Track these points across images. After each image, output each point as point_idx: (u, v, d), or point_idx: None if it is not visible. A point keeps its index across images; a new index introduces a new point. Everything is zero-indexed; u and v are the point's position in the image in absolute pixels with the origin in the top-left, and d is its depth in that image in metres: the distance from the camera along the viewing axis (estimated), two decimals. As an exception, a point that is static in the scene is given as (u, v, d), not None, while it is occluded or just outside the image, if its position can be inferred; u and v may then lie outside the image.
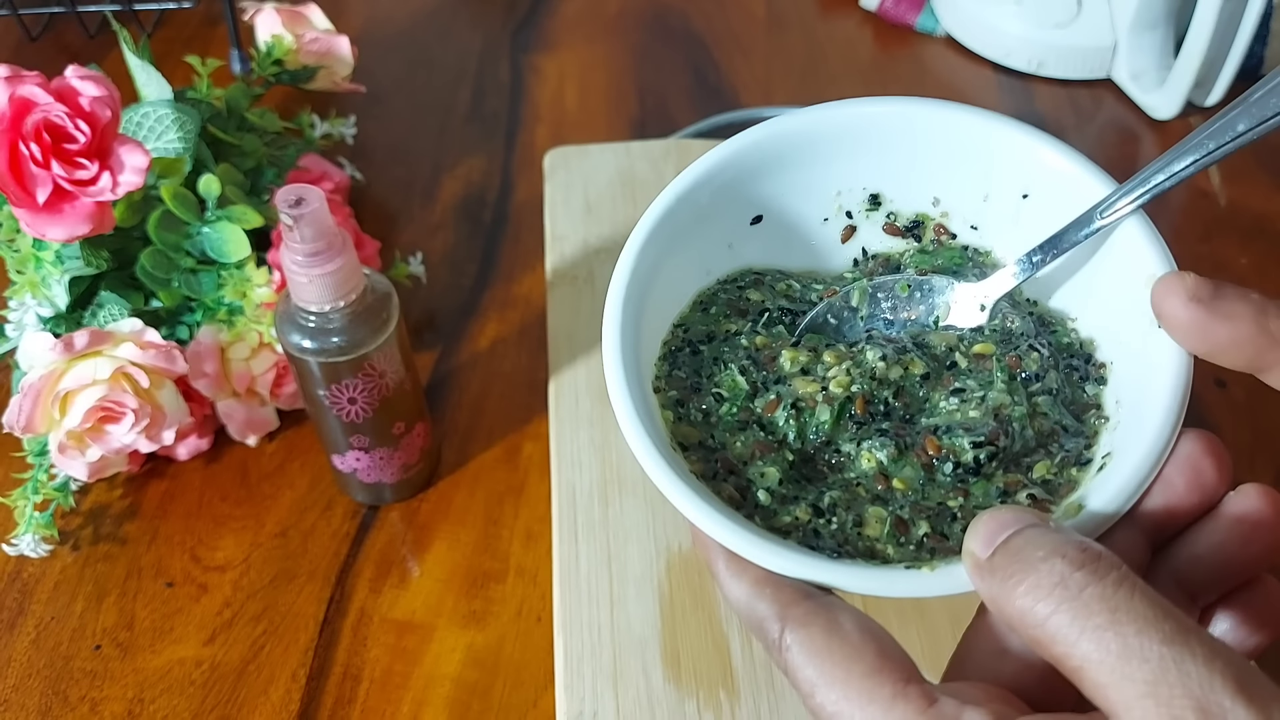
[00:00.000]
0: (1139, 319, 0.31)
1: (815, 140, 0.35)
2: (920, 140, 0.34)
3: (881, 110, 0.34)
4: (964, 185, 0.35)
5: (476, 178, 0.73)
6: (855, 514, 0.30)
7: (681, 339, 0.35)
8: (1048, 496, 0.30)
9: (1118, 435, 0.30)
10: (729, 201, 0.35)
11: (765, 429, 0.32)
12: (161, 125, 0.55)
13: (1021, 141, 0.33)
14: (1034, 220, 0.34)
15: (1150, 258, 0.31)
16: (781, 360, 0.33)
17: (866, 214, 0.37)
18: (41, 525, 0.53)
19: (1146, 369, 0.30)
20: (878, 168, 0.35)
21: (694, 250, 0.35)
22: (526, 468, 0.57)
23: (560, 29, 0.85)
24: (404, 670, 0.49)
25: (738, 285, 0.36)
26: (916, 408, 0.32)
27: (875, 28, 0.84)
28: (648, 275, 0.33)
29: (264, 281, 0.54)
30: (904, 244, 0.37)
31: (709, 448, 0.33)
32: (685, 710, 0.46)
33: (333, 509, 0.56)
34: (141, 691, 0.49)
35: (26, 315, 0.55)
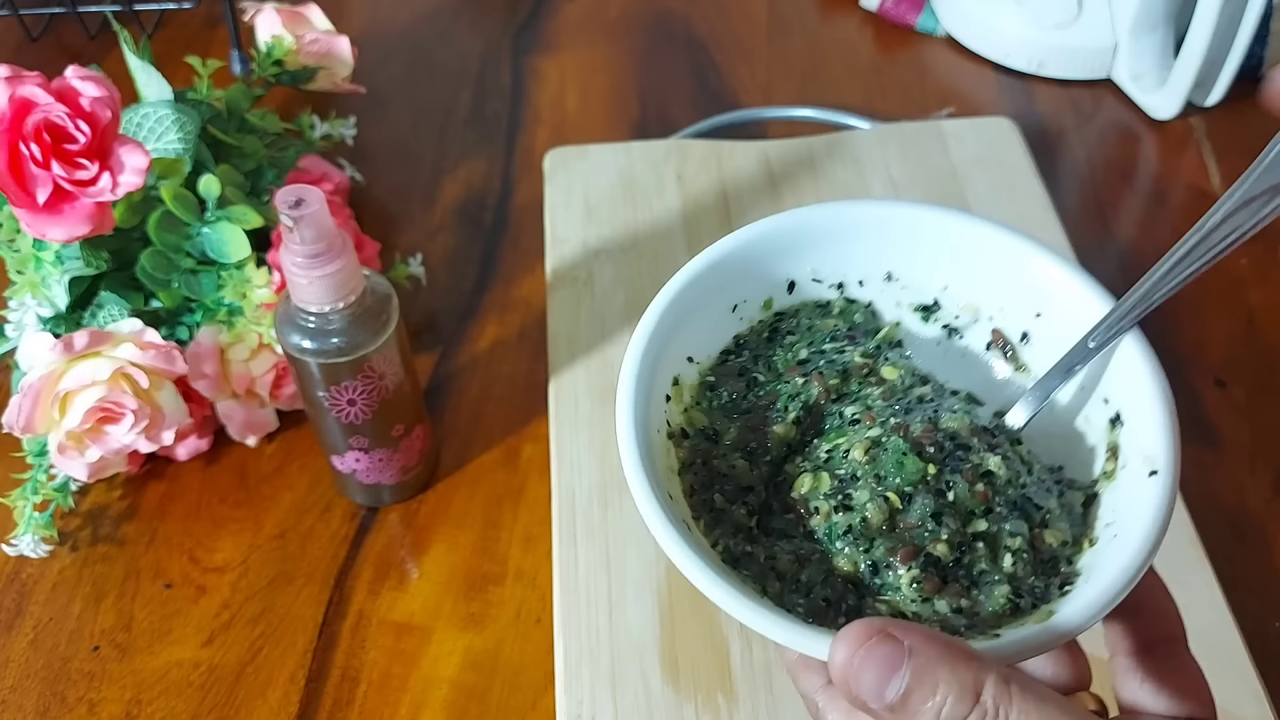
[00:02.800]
0: (1133, 453, 0.31)
1: (850, 226, 0.36)
2: (962, 249, 0.35)
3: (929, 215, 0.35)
4: (989, 299, 0.36)
5: (477, 180, 0.73)
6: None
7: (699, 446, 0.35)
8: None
9: (1099, 557, 0.30)
10: (761, 272, 0.36)
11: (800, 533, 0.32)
12: (162, 126, 0.55)
13: (1036, 261, 0.34)
14: (1047, 340, 0.34)
15: (1140, 396, 0.31)
16: (797, 482, 0.33)
17: (912, 310, 0.37)
18: (41, 526, 0.53)
19: (1124, 505, 0.31)
20: (917, 262, 0.36)
21: (727, 297, 0.36)
22: (526, 470, 0.57)
23: (561, 32, 0.85)
24: (402, 672, 0.49)
25: (768, 335, 0.37)
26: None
27: (876, 28, 0.84)
28: (670, 328, 0.34)
29: (264, 282, 0.54)
30: (934, 331, 0.37)
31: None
32: (684, 713, 0.46)
33: (332, 511, 0.55)
34: (139, 693, 0.49)
35: (26, 315, 0.55)
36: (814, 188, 0.67)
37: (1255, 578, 0.52)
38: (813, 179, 0.67)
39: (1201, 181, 0.71)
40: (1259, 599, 0.51)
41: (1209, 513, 0.52)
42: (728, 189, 0.67)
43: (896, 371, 0.35)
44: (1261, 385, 0.59)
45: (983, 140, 0.69)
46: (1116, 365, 0.32)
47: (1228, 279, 0.65)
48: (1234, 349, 0.61)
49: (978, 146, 0.69)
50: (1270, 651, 0.48)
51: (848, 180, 0.67)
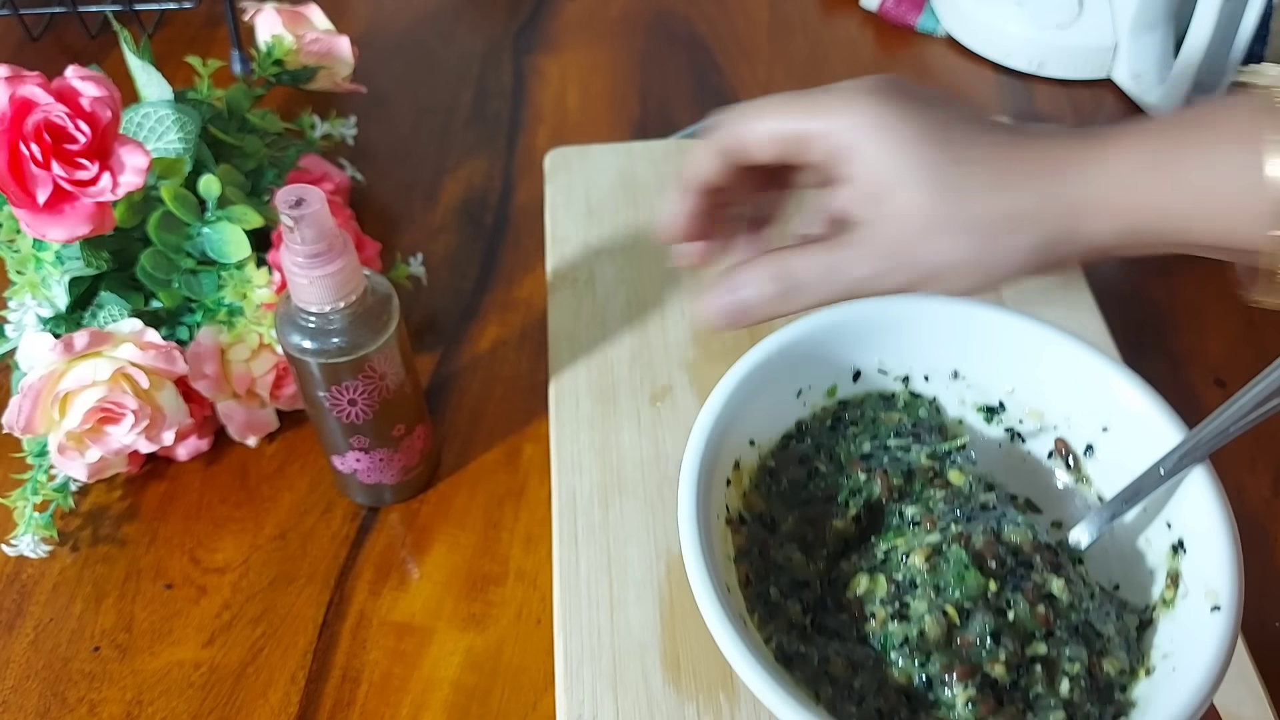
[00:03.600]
0: (1194, 585, 0.31)
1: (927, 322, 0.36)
2: (1043, 358, 0.35)
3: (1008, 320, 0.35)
4: (1056, 407, 0.35)
5: (478, 180, 0.73)
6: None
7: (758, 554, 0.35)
8: None
9: (1154, 689, 0.30)
10: (827, 359, 0.36)
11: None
12: (162, 126, 0.55)
13: (1107, 375, 0.34)
14: (1111, 454, 0.34)
15: (1205, 528, 0.31)
16: (854, 582, 0.32)
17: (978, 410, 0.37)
18: (41, 526, 0.52)
19: (1183, 637, 0.30)
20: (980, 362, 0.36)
21: (791, 382, 0.36)
22: (527, 470, 0.57)
23: (562, 32, 0.85)
24: (403, 673, 0.49)
25: (832, 424, 0.36)
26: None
27: (876, 28, 0.84)
28: (734, 413, 0.34)
29: (264, 282, 0.54)
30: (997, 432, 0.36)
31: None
32: (685, 714, 0.46)
33: (332, 511, 0.55)
34: (140, 693, 0.49)
35: (26, 316, 0.55)
36: (814, 188, 0.67)
37: (1255, 578, 0.51)
38: (813, 179, 0.67)
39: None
40: (1259, 599, 0.50)
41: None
42: (728, 189, 0.67)
43: (963, 477, 0.34)
44: (1262, 386, 0.59)
45: (983, 140, 0.69)
46: (1183, 493, 0.32)
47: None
48: (1234, 349, 0.61)
49: (978, 147, 0.69)
50: (1270, 651, 0.48)
51: (848, 180, 0.67)
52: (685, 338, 0.59)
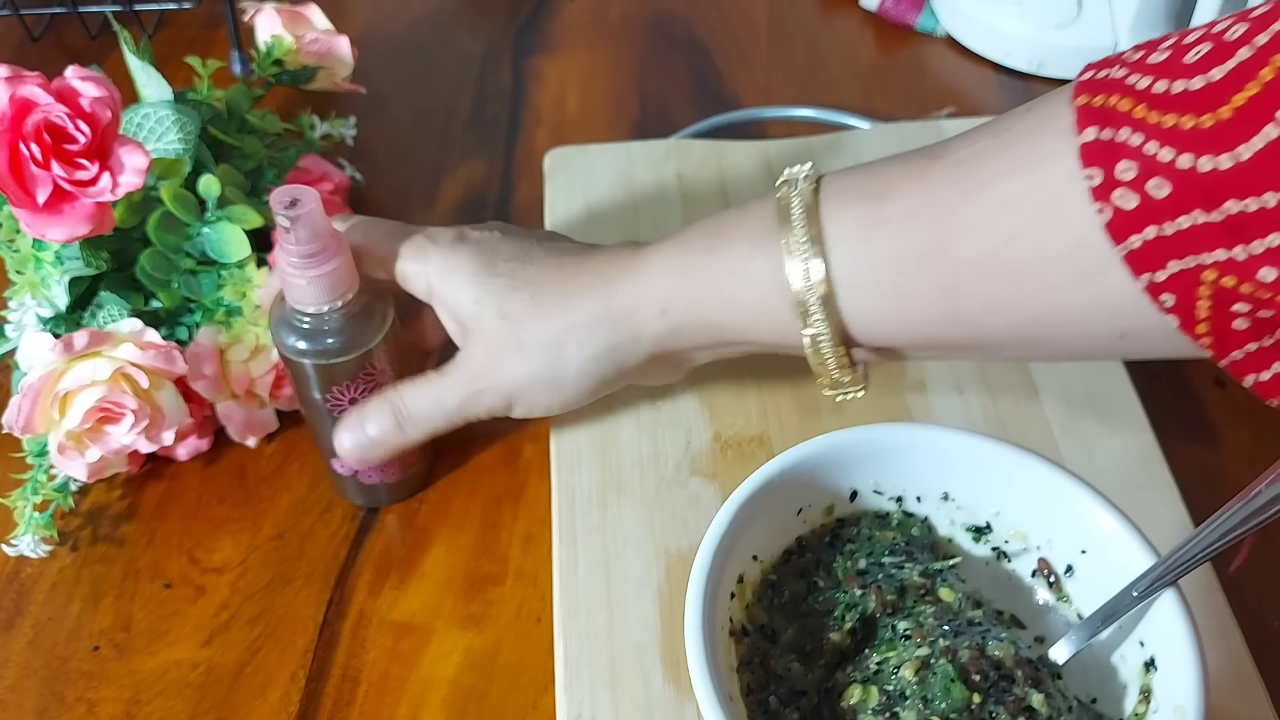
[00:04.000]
0: (1164, 700, 0.33)
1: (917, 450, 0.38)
2: (1018, 483, 0.37)
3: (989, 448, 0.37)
4: (1038, 529, 0.38)
5: (477, 181, 0.73)
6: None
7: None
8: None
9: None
10: (826, 480, 0.38)
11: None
12: (162, 126, 0.55)
13: (1085, 502, 0.36)
14: (1089, 575, 0.36)
15: (1174, 647, 0.33)
16: (848, 692, 0.34)
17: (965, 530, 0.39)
18: (41, 526, 0.53)
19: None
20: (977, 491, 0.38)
21: (789, 503, 0.38)
22: (526, 470, 0.57)
23: (562, 33, 0.85)
24: (402, 673, 0.49)
25: (830, 540, 0.38)
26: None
27: (876, 28, 0.84)
28: (737, 532, 0.36)
29: (264, 282, 0.54)
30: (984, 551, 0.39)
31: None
32: (684, 713, 0.45)
33: (331, 511, 0.55)
34: (138, 693, 0.49)
35: (26, 316, 0.55)
36: (814, 188, 0.67)
37: (1255, 578, 0.52)
38: (813, 179, 0.67)
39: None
40: (1259, 599, 0.51)
41: (1209, 513, 0.52)
42: (728, 189, 0.67)
43: (953, 594, 0.36)
44: (1262, 385, 0.59)
45: (983, 141, 0.69)
46: (1155, 613, 0.34)
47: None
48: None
49: (978, 147, 0.69)
50: (1270, 651, 0.48)
51: (848, 181, 0.67)
52: (684, 338, 0.59)
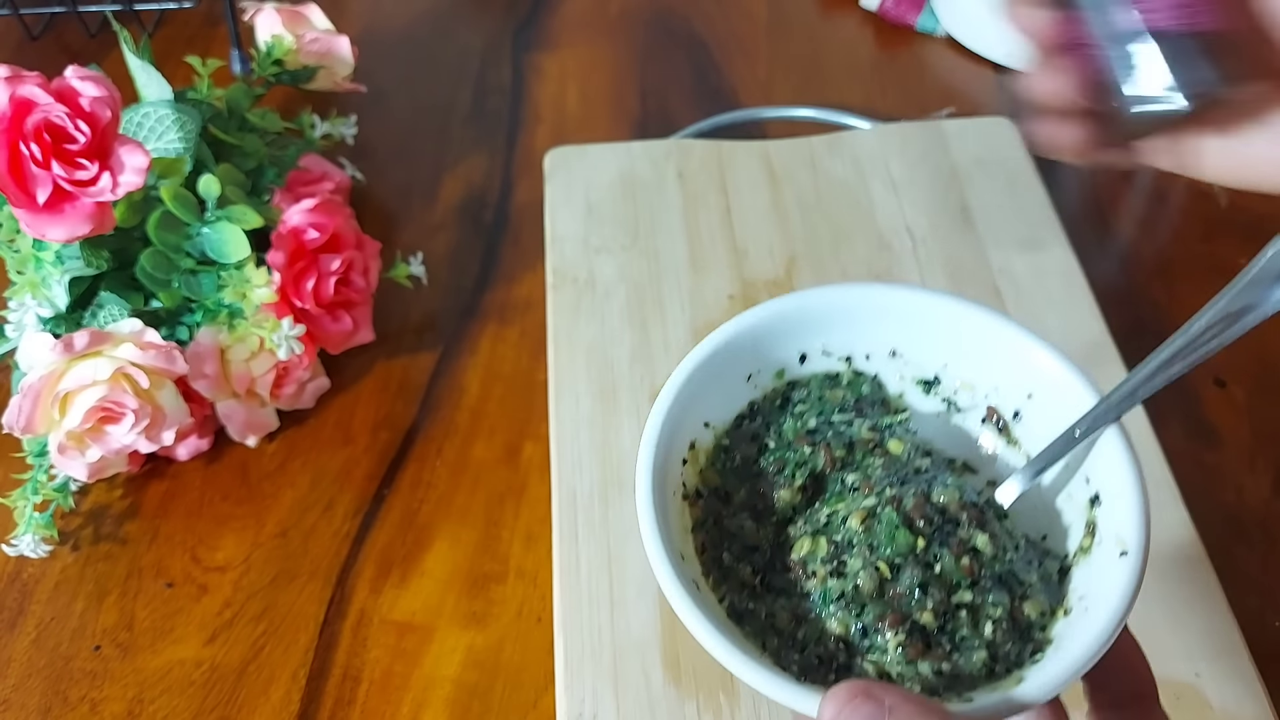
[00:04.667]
0: (1107, 533, 0.34)
1: (868, 309, 0.39)
2: (965, 336, 0.38)
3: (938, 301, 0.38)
4: (985, 378, 0.39)
5: (477, 178, 0.73)
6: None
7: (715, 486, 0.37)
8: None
9: (1070, 626, 0.33)
10: (775, 345, 0.39)
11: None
12: (162, 125, 0.55)
13: (1028, 347, 0.37)
14: (1036, 419, 0.37)
15: (1117, 481, 0.34)
16: (798, 544, 0.35)
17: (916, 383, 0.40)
18: (41, 526, 0.53)
19: (1097, 580, 0.33)
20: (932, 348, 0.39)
21: (741, 370, 0.39)
22: (527, 469, 0.57)
23: (561, 30, 0.85)
24: (404, 671, 0.49)
25: (779, 402, 0.39)
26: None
27: (876, 28, 0.84)
28: (686, 402, 0.36)
29: (264, 282, 0.54)
30: (934, 404, 0.39)
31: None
32: (685, 712, 0.46)
33: (333, 509, 0.56)
34: (141, 692, 0.49)
35: (26, 316, 0.54)
36: (814, 187, 0.67)
37: (1255, 578, 0.52)
38: (813, 178, 0.67)
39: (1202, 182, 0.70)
40: (1259, 599, 0.51)
41: (1209, 513, 0.52)
42: (728, 188, 0.67)
43: (902, 446, 0.37)
44: (1261, 385, 0.60)
45: (983, 140, 0.69)
46: (1099, 450, 0.35)
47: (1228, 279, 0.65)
48: (1234, 349, 0.61)
49: (978, 146, 0.69)
50: (1270, 651, 0.48)
51: (847, 180, 0.67)
52: (685, 336, 0.59)
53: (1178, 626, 0.47)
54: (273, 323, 0.54)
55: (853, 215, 0.65)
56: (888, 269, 0.62)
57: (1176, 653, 0.47)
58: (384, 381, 0.61)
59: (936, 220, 0.65)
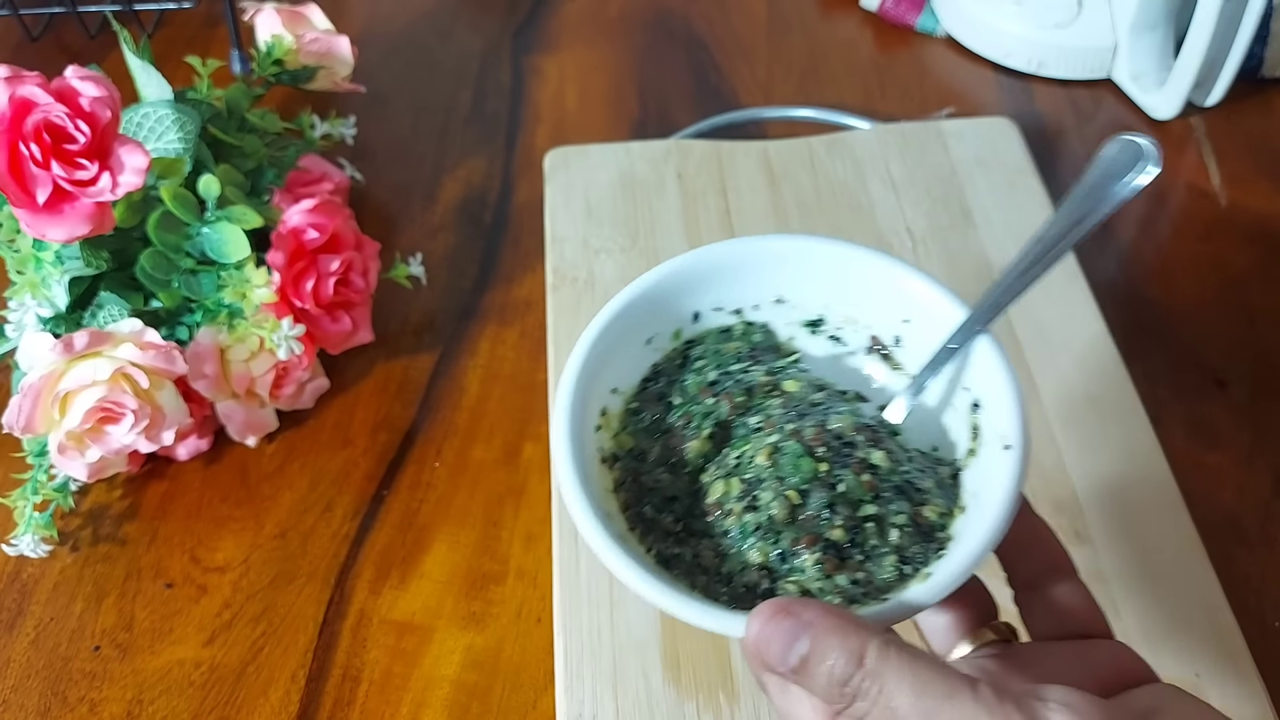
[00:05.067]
0: (990, 434, 0.37)
1: (751, 260, 0.41)
2: (848, 274, 0.41)
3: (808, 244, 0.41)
4: (864, 312, 0.41)
5: (477, 179, 0.73)
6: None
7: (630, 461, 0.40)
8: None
9: (967, 521, 0.36)
10: (669, 307, 0.41)
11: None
12: (162, 126, 0.55)
13: (899, 276, 0.40)
14: (915, 342, 0.40)
15: (994, 384, 0.37)
16: (711, 488, 0.38)
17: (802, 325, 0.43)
18: (41, 526, 0.53)
19: (985, 476, 0.36)
20: (816, 289, 0.42)
21: (643, 334, 0.41)
22: (527, 469, 0.57)
23: (561, 31, 0.85)
24: (403, 672, 0.49)
25: (681, 363, 0.42)
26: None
27: (876, 28, 0.84)
28: (598, 362, 0.39)
29: (263, 282, 0.54)
30: (827, 347, 0.42)
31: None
32: (685, 712, 0.46)
33: (332, 510, 0.55)
34: (140, 692, 0.49)
35: (26, 316, 0.54)
36: (814, 187, 0.67)
37: (1255, 578, 0.52)
38: (812, 178, 0.67)
39: (1202, 181, 0.71)
40: (1259, 599, 0.51)
41: (1209, 513, 0.52)
42: (728, 188, 0.67)
43: (797, 384, 0.40)
44: (1261, 385, 0.60)
45: (983, 140, 0.69)
46: (974, 359, 0.37)
47: (1228, 279, 0.65)
48: (1234, 349, 0.61)
49: (978, 146, 0.69)
50: (1270, 651, 0.48)
51: (847, 179, 0.67)
52: (685, 337, 0.59)
53: (1178, 627, 0.47)
54: (272, 323, 0.54)
55: (852, 215, 0.65)
56: (887, 269, 0.62)
57: (1176, 653, 0.47)
58: (383, 382, 0.61)
59: (936, 220, 0.65)
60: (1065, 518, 0.51)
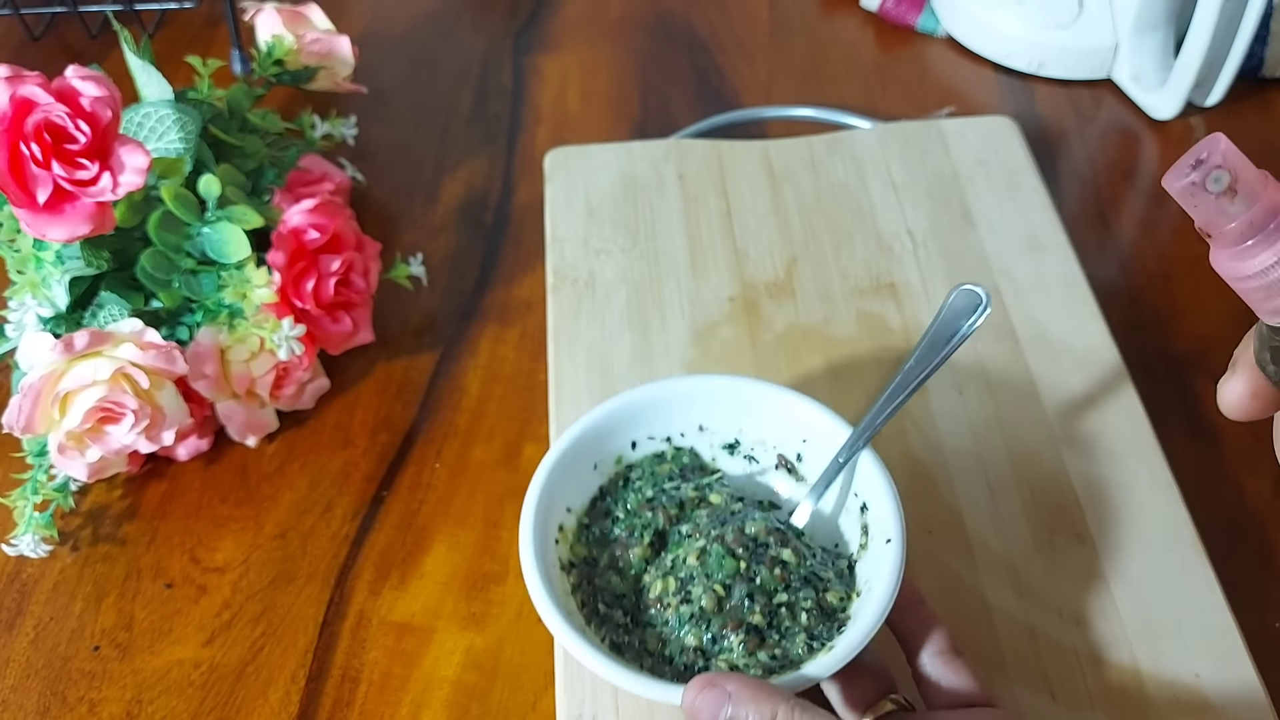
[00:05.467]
0: (876, 530, 0.44)
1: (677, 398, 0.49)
2: (753, 407, 0.49)
3: (722, 382, 0.49)
4: (770, 434, 0.49)
5: (478, 180, 0.73)
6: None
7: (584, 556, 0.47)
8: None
9: (862, 604, 0.43)
10: (610, 439, 0.49)
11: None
12: (162, 126, 0.55)
13: (794, 404, 0.47)
14: (813, 458, 0.48)
15: (875, 490, 0.44)
16: (652, 586, 0.44)
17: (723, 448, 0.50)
18: (41, 526, 0.53)
19: (874, 566, 0.43)
20: (730, 422, 0.50)
21: (589, 462, 0.48)
22: (527, 469, 0.56)
23: (562, 31, 0.85)
24: (403, 672, 0.49)
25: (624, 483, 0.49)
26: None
27: (876, 28, 0.84)
28: (555, 487, 0.46)
29: (264, 282, 0.54)
30: (745, 467, 0.50)
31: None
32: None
33: (332, 511, 0.55)
34: (140, 693, 0.49)
35: (26, 315, 0.55)
36: (814, 187, 0.67)
37: (1255, 578, 0.52)
38: (813, 178, 0.67)
39: (1202, 181, 0.70)
40: (1259, 599, 0.51)
41: (1209, 513, 0.52)
42: (728, 188, 0.67)
43: (720, 497, 0.47)
44: (1262, 385, 0.59)
45: (983, 139, 0.69)
46: (860, 470, 0.45)
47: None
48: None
49: (978, 146, 0.69)
50: (1270, 651, 0.48)
51: (848, 179, 0.67)
52: (685, 338, 0.59)
53: (1178, 627, 0.47)
54: (273, 323, 0.54)
55: (853, 216, 0.65)
56: (888, 270, 0.62)
57: (1176, 653, 0.46)
58: (383, 383, 0.61)
59: (937, 220, 0.65)
60: (1065, 518, 0.51)
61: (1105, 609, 0.48)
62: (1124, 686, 0.46)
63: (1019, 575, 0.49)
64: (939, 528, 0.51)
